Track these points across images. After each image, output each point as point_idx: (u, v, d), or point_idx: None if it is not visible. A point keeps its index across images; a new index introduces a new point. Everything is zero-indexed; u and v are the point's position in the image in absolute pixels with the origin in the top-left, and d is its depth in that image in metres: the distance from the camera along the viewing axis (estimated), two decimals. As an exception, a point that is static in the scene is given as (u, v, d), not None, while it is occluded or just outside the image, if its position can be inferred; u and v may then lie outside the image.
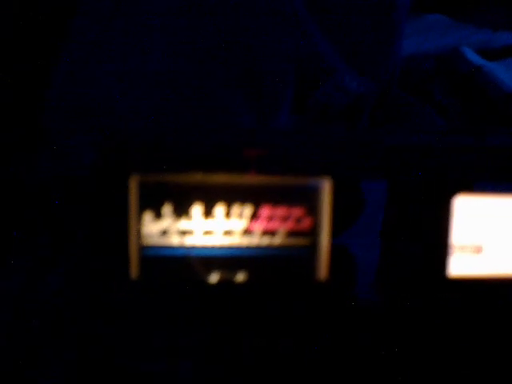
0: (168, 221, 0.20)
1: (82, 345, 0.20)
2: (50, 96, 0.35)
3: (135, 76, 0.35)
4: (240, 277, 0.20)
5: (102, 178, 0.18)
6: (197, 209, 0.20)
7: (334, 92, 0.45)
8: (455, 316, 0.20)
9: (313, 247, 0.20)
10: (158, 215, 0.20)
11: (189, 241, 0.20)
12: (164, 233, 0.20)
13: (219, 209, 0.20)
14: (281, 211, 0.19)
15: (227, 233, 0.19)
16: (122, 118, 0.33)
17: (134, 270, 0.20)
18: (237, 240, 0.20)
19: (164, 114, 0.36)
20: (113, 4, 0.37)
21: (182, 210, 0.20)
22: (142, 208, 0.19)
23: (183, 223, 0.20)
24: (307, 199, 0.19)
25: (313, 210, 0.19)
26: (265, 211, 0.19)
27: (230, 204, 0.19)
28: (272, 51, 0.40)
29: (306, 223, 0.19)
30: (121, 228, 0.19)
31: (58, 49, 0.36)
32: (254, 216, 0.19)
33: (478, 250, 0.20)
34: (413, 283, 0.20)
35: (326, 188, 0.19)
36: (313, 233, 0.19)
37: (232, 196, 0.19)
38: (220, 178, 0.19)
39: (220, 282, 0.20)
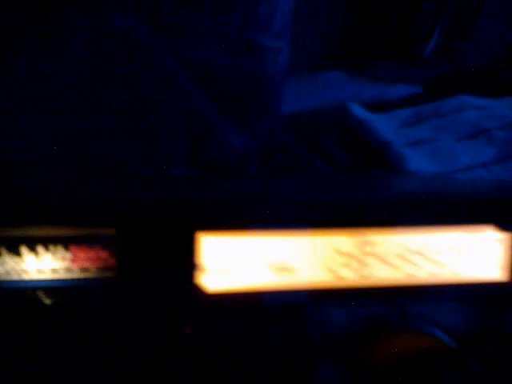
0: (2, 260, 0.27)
1: None
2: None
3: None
4: (64, 302, 0.27)
5: None
6: (25, 250, 0.28)
7: (221, 148, 0.53)
8: (216, 326, 0.28)
9: (117, 278, 0.27)
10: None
11: (21, 276, 0.28)
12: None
13: (42, 251, 0.28)
14: (91, 253, 0.27)
15: (52, 270, 0.27)
16: None
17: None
18: (58, 275, 0.27)
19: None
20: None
21: (12, 253, 0.27)
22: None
23: (14, 262, 0.27)
24: (107, 245, 0.27)
25: (113, 252, 0.27)
26: (78, 253, 0.27)
27: (48, 247, 0.27)
28: (165, 114, 0.47)
29: (110, 262, 0.27)
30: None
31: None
32: (70, 257, 0.27)
33: (227, 272, 0.28)
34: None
35: (114, 238, 0.27)
36: (116, 268, 0.27)
37: (51, 242, 0.27)
38: (41, 231, 0.27)
39: (50, 307, 0.27)
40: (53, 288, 0.27)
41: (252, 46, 0.48)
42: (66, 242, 0.27)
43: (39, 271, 0.27)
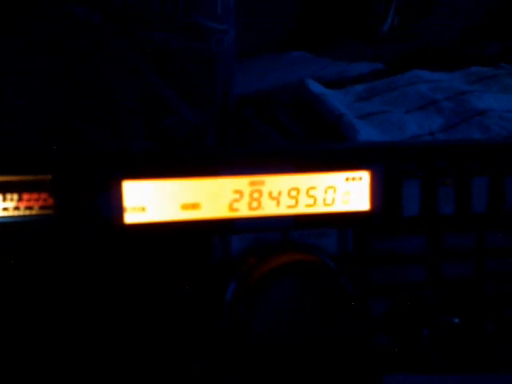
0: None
1: None
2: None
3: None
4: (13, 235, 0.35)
5: None
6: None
7: (176, 123, 0.59)
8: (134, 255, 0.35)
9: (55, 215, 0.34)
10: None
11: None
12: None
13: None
14: (34, 195, 0.34)
15: (4, 209, 0.34)
16: None
17: None
18: (8, 213, 0.34)
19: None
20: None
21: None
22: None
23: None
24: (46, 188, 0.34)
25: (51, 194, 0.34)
26: (24, 195, 0.34)
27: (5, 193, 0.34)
28: (122, 92, 0.52)
29: (49, 201, 0.34)
30: None
31: None
32: (20, 199, 0.34)
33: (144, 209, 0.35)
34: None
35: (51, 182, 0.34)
36: (54, 207, 0.34)
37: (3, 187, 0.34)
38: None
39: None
40: (4, 223, 0.34)
41: (198, 28, 0.54)
42: (14, 187, 0.34)
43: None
